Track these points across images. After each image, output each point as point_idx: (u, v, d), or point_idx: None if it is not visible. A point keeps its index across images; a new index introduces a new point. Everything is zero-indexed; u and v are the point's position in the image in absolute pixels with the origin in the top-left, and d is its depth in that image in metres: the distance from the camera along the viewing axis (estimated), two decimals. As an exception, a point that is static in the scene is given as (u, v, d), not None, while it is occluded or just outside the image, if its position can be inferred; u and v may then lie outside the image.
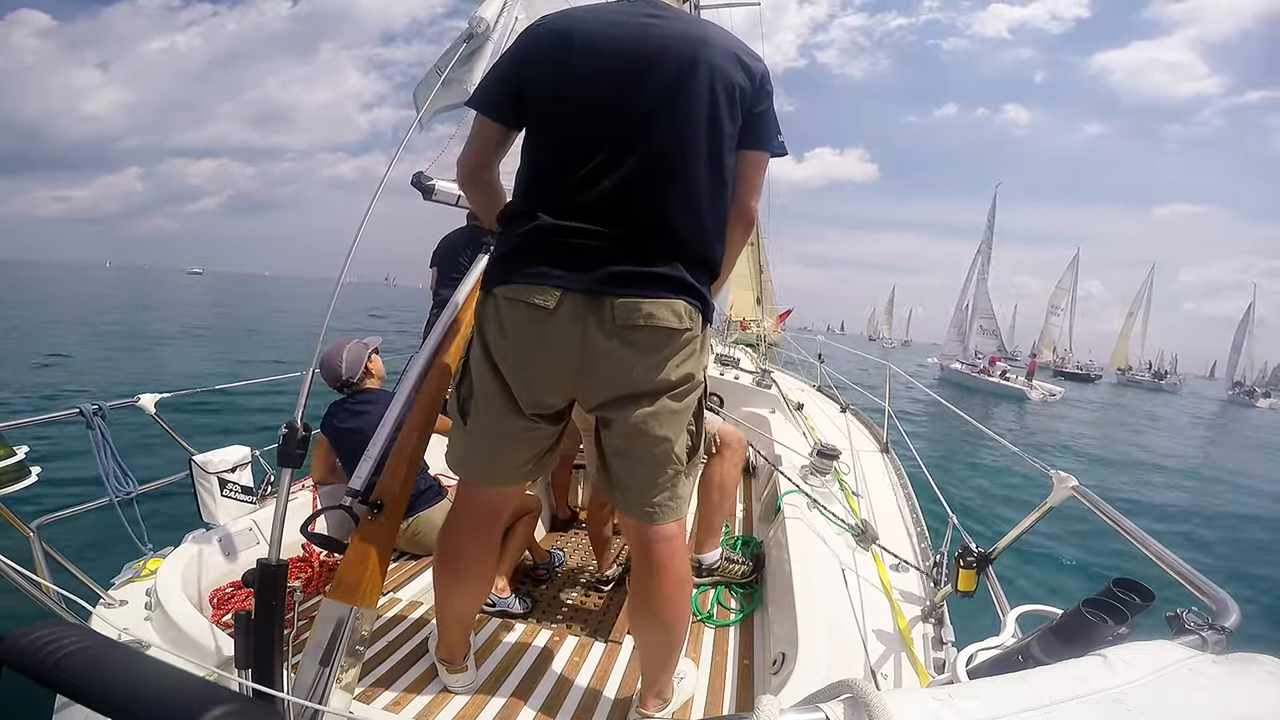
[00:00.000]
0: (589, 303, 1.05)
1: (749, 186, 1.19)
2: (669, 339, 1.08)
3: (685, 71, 1.06)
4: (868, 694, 0.48)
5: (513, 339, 1.11)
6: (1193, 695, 0.54)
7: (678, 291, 1.08)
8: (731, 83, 1.08)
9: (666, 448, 1.14)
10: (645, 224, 1.06)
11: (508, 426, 1.18)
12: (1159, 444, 15.21)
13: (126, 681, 0.45)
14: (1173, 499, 8.77)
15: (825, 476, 2.44)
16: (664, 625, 1.23)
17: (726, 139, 1.10)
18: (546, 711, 1.35)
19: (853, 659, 1.38)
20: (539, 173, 1.12)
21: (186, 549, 1.74)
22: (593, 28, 1.09)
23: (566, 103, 1.09)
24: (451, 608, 1.35)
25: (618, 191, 1.05)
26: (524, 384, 1.14)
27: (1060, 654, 0.80)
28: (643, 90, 1.06)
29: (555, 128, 1.11)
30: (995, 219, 29.26)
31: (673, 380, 1.11)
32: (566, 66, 1.08)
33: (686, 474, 1.20)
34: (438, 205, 1.99)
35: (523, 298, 1.07)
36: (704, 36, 1.09)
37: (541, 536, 2.82)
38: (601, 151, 1.06)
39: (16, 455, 1.53)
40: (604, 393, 1.12)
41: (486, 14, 1.78)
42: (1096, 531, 4.32)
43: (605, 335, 1.06)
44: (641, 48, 1.07)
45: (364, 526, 1.18)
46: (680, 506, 1.20)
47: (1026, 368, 27.20)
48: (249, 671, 0.90)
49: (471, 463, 1.26)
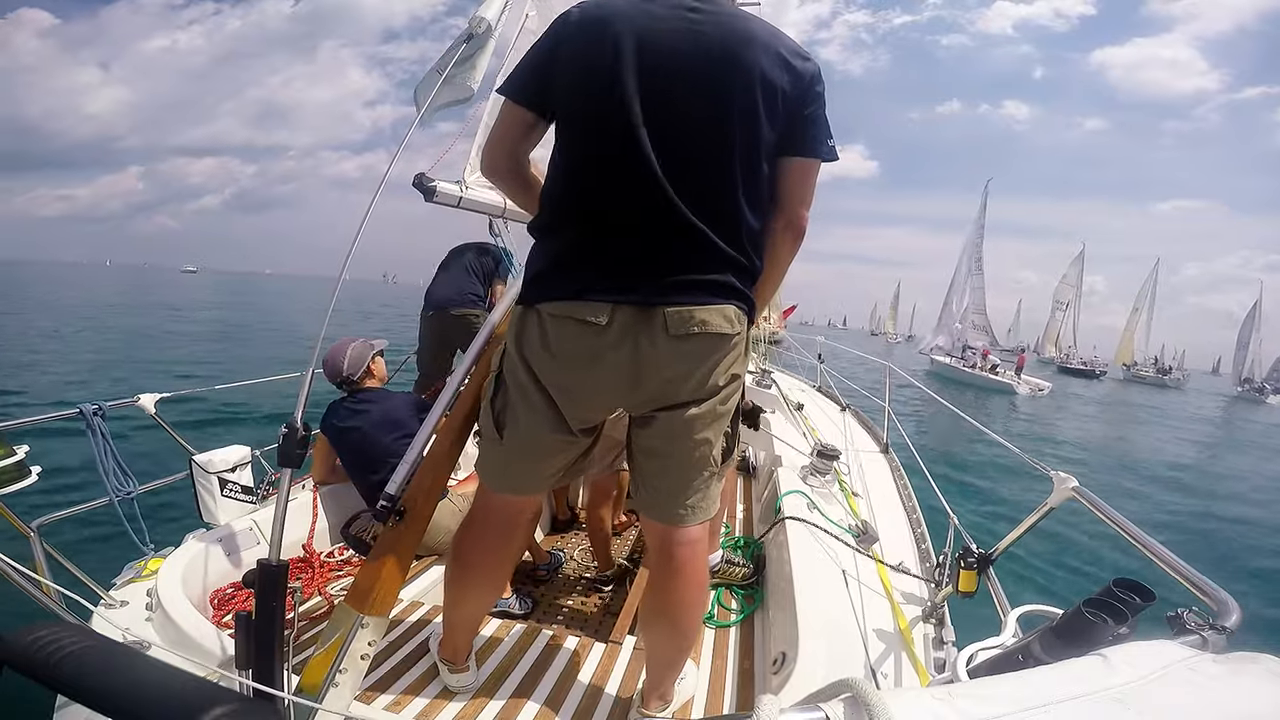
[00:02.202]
0: (640, 314, 1.02)
1: (797, 195, 1.13)
2: (721, 344, 1.07)
3: (724, 71, 1.01)
4: (868, 694, 0.48)
5: (562, 357, 1.07)
6: (1193, 695, 0.54)
7: (727, 296, 1.06)
8: (774, 84, 1.02)
9: (706, 450, 1.12)
10: (685, 229, 1.02)
11: (549, 441, 1.15)
12: (1174, 449, 14.18)
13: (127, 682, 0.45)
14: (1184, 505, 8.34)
15: (825, 477, 2.44)
16: (679, 629, 1.22)
17: (764, 142, 1.05)
18: (546, 712, 1.35)
19: (853, 659, 1.38)
20: (571, 179, 1.08)
21: (187, 549, 1.74)
22: (633, 20, 1.02)
23: (598, 99, 1.03)
24: (463, 611, 1.34)
25: (654, 196, 1.01)
26: (575, 401, 1.11)
27: (1061, 654, 0.80)
28: (678, 89, 1.01)
29: (586, 127, 1.06)
30: (986, 213, 28.88)
31: (721, 384, 1.09)
32: (600, 59, 1.02)
33: (720, 476, 1.17)
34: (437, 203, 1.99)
35: (573, 315, 1.03)
36: (748, 34, 1.03)
37: (541, 537, 2.82)
38: (634, 154, 1.01)
39: (16, 455, 1.53)
40: (654, 401, 1.09)
41: (487, 14, 1.78)
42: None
43: (657, 346, 1.03)
44: (681, 44, 1.01)
45: (384, 535, 1.18)
46: (710, 508, 1.17)
47: (1015, 362, 26.67)
48: (249, 671, 0.90)
49: (508, 477, 1.22)
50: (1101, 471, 10.05)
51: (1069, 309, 46.45)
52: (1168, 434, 17.50)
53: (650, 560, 1.25)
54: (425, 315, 3.31)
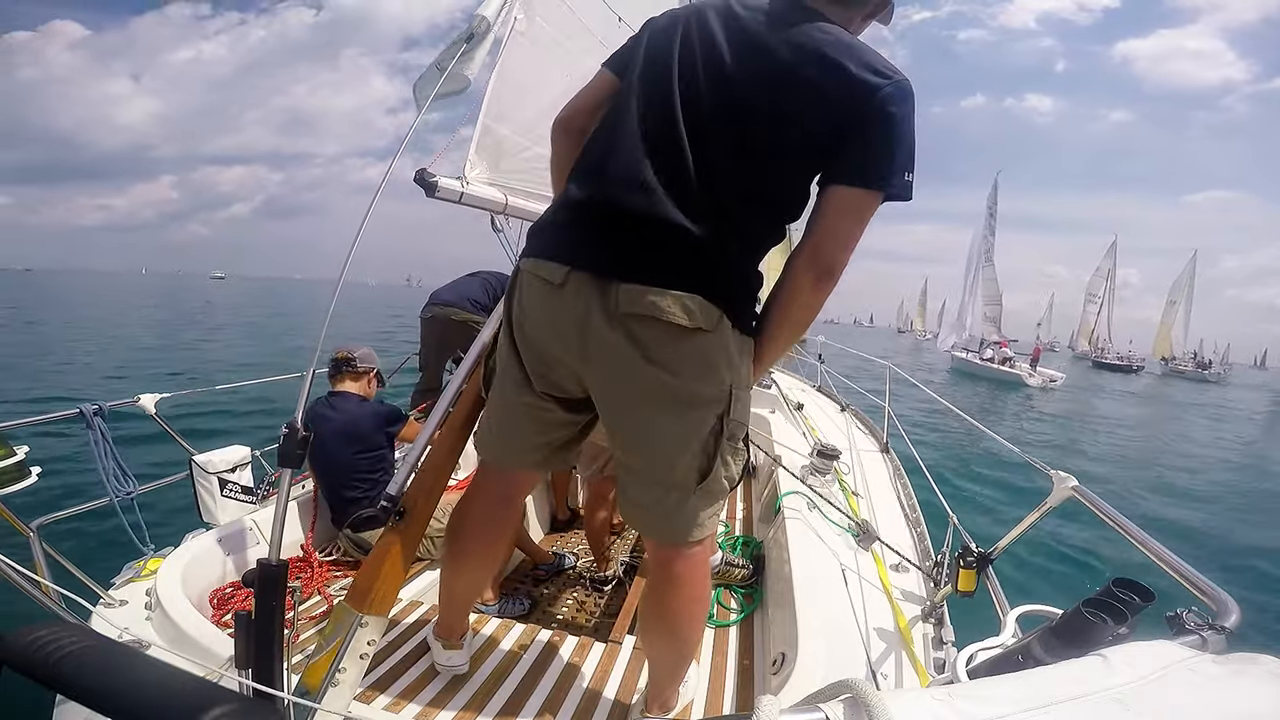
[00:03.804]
0: (595, 284, 0.99)
1: (828, 228, 0.99)
2: (675, 337, 0.97)
3: (762, 69, 0.97)
4: (868, 694, 0.48)
5: (528, 311, 1.10)
6: (1193, 695, 0.54)
7: (692, 287, 0.96)
8: (821, 92, 0.94)
9: (665, 464, 1.05)
10: (667, 215, 0.97)
11: (520, 400, 1.17)
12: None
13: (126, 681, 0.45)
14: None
15: (825, 476, 2.44)
16: (678, 639, 1.21)
17: (790, 151, 0.99)
18: (546, 712, 1.35)
19: (853, 659, 1.38)
20: (587, 152, 1.10)
21: (186, 549, 1.74)
22: (709, 13, 1.04)
23: (645, 70, 1.05)
24: (452, 586, 1.37)
25: (646, 178, 0.98)
26: (535, 357, 1.12)
27: (1060, 654, 0.80)
28: (697, 82, 0.99)
29: (614, 105, 1.09)
30: (1006, 207, 28.40)
31: (675, 387, 1.00)
32: (665, 37, 1.05)
33: (706, 497, 1.09)
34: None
35: (537, 272, 1.06)
36: (812, 41, 0.96)
37: (541, 537, 2.82)
38: (639, 137, 1.01)
39: (17, 455, 1.53)
40: (605, 387, 1.07)
41: (487, 13, 1.82)
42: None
43: (610, 323, 0.99)
44: (738, 38, 1.00)
45: (385, 535, 1.18)
46: (690, 530, 1.10)
47: (1030, 354, 25.79)
48: (249, 671, 0.90)
49: (486, 435, 1.25)
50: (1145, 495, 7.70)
51: (1102, 303, 45.17)
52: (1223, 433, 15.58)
53: (647, 568, 1.25)
54: (423, 316, 3.32)
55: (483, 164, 2.11)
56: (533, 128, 2.15)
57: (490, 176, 2.13)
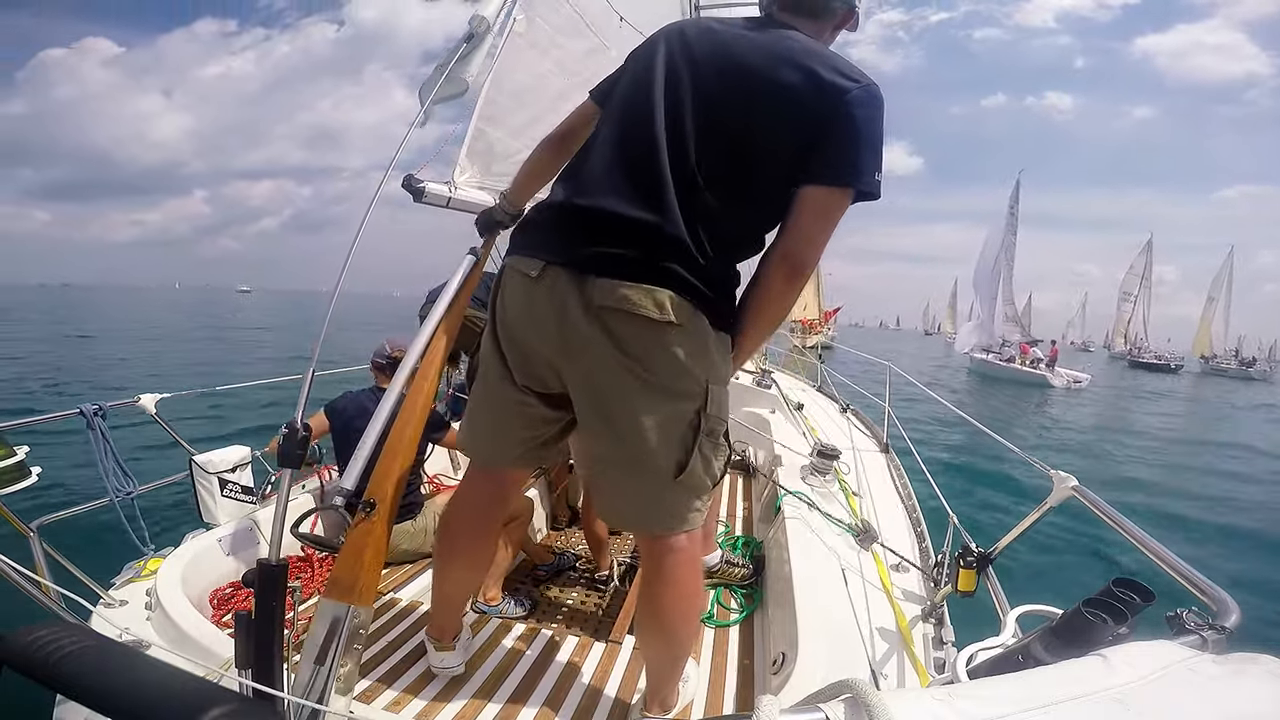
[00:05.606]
0: (572, 279, 1.04)
1: (800, 226, 1.03)
2: (649, 331, 1.01)
3: (736, 76, 1.02)
4: (868, 694, 0.48)
5: (508, 305, 1.14)
6: (1193, 695, 0.54)
7: (664, 281, 1.00)
8: (792, 97, 0.99)
9: (641, 452, 1.07)
10: (643, 215, 1.01)
11: (502, 395, 1.19)
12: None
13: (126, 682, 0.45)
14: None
15: (825, 476, 2.44)
16: (671, 637, 1.22)
17: (763, 153, 1.03)
18: (546, 711, 1.35)
19: (853, 659, 1.38)
20: (572, 161, 1.17)
21: (186, 549, 1.74)
22: (689, 28, 1.12)
23: (628, 85, 1.13)
24: (442, 586, 1.37)
25: (624, 180, 1.04)
26: (515, 349, 1.15)
27: (1060, 654, 0.80)
28: (677, 90, 1.05)
29: (601, 119, 1.16)
30: (1026, 205, 27.70)
31: (649, 379, 1.03)
32: (647, 53, 1.12)
33: (675, 490, 1.11)
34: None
35: (516, 266, 1.11)
36: (783, 48, 1.03)
37: (541, 537, 2.82)
38: (620, 143, 1.07)
39: (17, 455, 1.53)
40: (584, 378, 1.09)
41: (486, 13, 1.81)
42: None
43: (587, 317, 1.03)
44: (712, 48, 1.06)
45: (357, 526, 1.18)
46: (670, 520, 1.12)
47: (1048, 354, 23.98)
48: (249, 671, 0.90)
49: (472, 431, 1.27)
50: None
51: (1138, 301, 44.34)
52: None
53: (641, 565, 1.25)
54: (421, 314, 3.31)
55: (474, 167, 2.11)
56: (525, 131, 2.14)
57: (481, 180, 2.13)
